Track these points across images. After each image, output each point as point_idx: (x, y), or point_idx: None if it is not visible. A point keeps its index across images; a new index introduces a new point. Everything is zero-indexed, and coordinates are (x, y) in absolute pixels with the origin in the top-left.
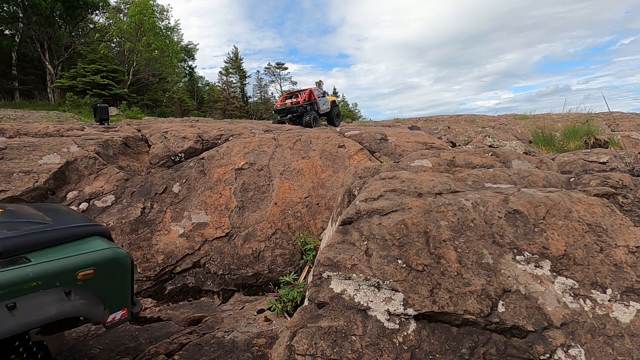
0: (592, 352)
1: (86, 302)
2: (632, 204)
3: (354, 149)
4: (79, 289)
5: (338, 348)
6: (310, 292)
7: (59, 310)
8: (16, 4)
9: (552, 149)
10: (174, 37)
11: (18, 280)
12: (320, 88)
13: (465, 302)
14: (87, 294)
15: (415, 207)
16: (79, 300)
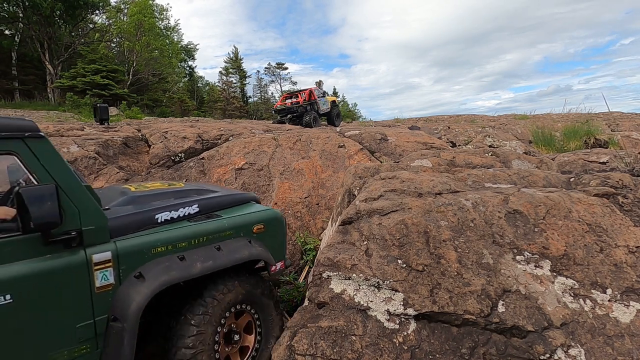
0: (592, 352)
1: (262, 249)
2: (632, 204)
3: (354, 149)
4: (255, 240)
5: (338, 348)
6: (310, 292)
7: (250, 253)
8: (16, 4)
9: (552, 149)
10: (173, 37)
11: (218, 229)
12: (320, 88)
13: (465, 302)
14: (261, 244)
15: (415, 207)
16: (257, 247)
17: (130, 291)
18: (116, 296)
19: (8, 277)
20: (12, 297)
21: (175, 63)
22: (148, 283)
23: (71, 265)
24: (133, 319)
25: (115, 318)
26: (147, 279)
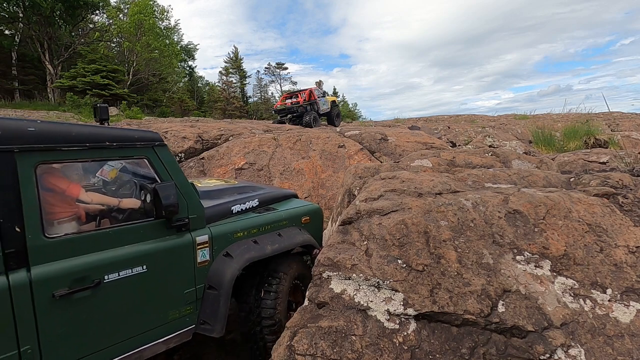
0: (592, 352)
1: (310, 236)
2: (632, 204)
3: (354, 149)
4: (303, 229)
5: (338, 348)
6: (310, 292)
7: (303, 239)
8: (16, 4)
9: (552, 149)
10: (173, 37)
11: (278, 219)
12: (320, 88)
13: (465, 302)
14: (307, 232)
15: (415, 207)
16: (307, 235)
17: (222, 266)
18: (211, 270)
19: (144, 252)
20: (147, 267)
21: (175, 63)
22: (236, 260)
23: (183, 245)
24: (227, 287)
25: (211, 286)
26: (234, 257)
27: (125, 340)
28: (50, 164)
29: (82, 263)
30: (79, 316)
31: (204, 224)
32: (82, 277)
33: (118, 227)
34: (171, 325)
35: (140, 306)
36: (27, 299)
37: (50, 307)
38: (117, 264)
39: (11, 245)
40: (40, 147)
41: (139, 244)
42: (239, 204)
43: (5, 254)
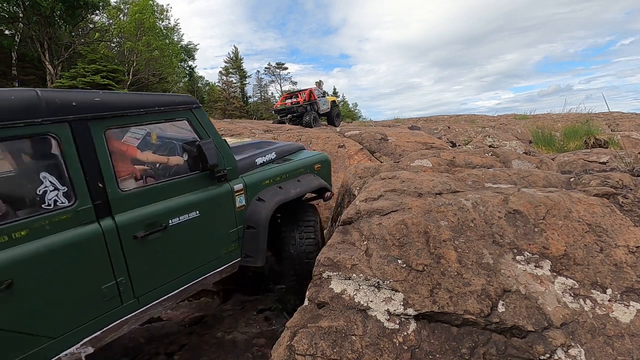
0: (592, 352)
1: (324, 181)
2: (632, 204)
3: (354, 149)
4: (316, 175)
5: (338, 348)
6: (310, 292)
7: (319, 183)
8: (16, 4)
9: (552, 149)
10: (173, 37)
11: (296, 168)
12: (320, 88)
13: (465, 302)
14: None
15: (415, 207)
16: (321, 179)
17: (256, 209)
18: (247, 212)
19: (196, 200)
20: (199, 212)
21: (175, 63)
22: (267, 203)
23: (224, 192)
24: (263, 226)
25: (250, 226)
26: (266, 201)
27: (192, 271)
28: (115, 128)
29: (151, 211)
30: (156, 253)
31: (237, 175)
32: (153, 222)
33: (173, 180)
34: (223, 259)
35: (198, 244)
36: (115, 241)
37: (133, 246)
38: (176, 211)
39: (97, 198)
40: (106, 114)
41: (190, 193)
42: (261, 156)
43: (95, 206)
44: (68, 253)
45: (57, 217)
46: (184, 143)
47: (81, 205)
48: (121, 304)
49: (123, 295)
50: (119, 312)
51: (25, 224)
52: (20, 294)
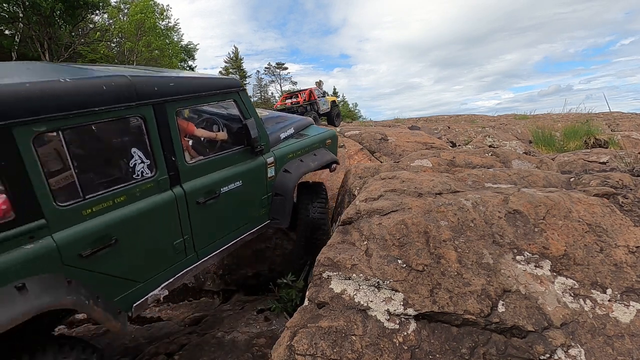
0: (592, 352)
1: (334, 156)
2: (632, 204)
3: (354, 149)
4: (327, 149)
5: (338, 348)
6: (310, 292)
7: (331, 157)
8: (16, 4)
9: (552, 149)
10: (173, 37)
11: (312, 143)
12: (321, 88)
13: (465, 302)
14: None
15: (415, 207)
16: (332, 154)
17: (284, 179)
18: (276, 182)
19: (240, 171)
20: (242, 182)
21: (175, 63)
22: (293, 174)
23: (260, 164)
24: (290, 193)
25: (277, 194)
26: (292, 172)
27: (235, 230)
28: (183, 109)
29: (209, 180)
30: (210, 216)
31: (269, 149)
32: (211, 190)
33: (223, 154)
34: (256, 220)
35: (239, 209)
36: (184, 205)
37: (196, 210)
38: (226, 180)
39: (171, 170)
40: (178, 97)
41: (236, 165)
42: (284, 132)
43: (170, 176)
44: (152, 215)
45: (144, 186)
46: (231, 121)
47: (160, 176)
48: (185, 257)
49: (187, 250)
50: (184, 263)
51: (124, 191)
52: (122, 248)
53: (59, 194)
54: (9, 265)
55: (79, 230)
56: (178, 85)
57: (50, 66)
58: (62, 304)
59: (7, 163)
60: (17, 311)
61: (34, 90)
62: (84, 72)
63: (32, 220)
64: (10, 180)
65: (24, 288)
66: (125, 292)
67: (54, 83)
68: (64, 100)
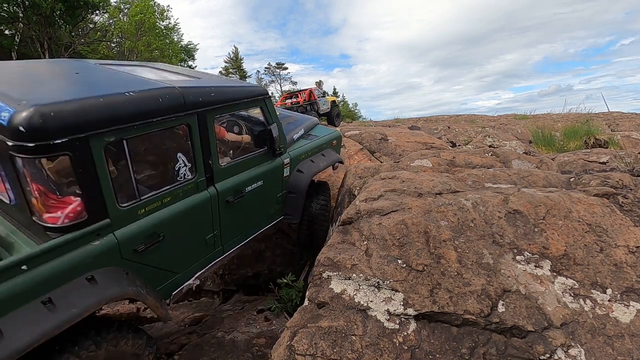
0: (592, 352)
1: (339, 156)
2: (632, 204)
3: (354, 149)
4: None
5: (338, 348)
6: (310, 292)
7: (337, 158)
8: (16, 4)
9: (552, 149)
10: (173, 37)
11: (321, 144)
12: (320, 88)
13: (465, 302)
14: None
15: (415, 207)
16: (337, 154)
17: (297, 178)
18: (290, 181)
19: (262, 172)
20: (263, 182)
21: (175, 63)
22: (306, 174)
23: (279, 165)
24: (303, 191)
25: (291, 192)
26: (305, 172)
27: (256, 225)
28: (220, 117)
29: (237, 181)
30: (236, 213)
31: (286, 150)
32: (238, 189)
33: (249, 156)
34: (272, 216)
35: (259, 206)
36: (216, 203)
37: (225, 208)
38: (251, 180)
39: (207, 172)
40: (218, 106)
41: (258, 166)
42: (296, 133)
43: (207, 178)
44: (191, 213)
45: (186, 187)
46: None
47: (199, 177)
48: (214, 250)
49: (216, 244)
50: (213, 256)
51: (170, 192)
52: (167, 243)
53: (120, 196)
54: (81, 260)
55: (135, 228)
56: (217, 95)
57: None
58: (128, 294)
59: (84, 170)
60: (90, 301)
61: (107, 104)
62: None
63: (100, 219)
64: (86, 186)
65: (93, 279)
66: (167, 282)
67: (122, 97)
68: (131, 112)
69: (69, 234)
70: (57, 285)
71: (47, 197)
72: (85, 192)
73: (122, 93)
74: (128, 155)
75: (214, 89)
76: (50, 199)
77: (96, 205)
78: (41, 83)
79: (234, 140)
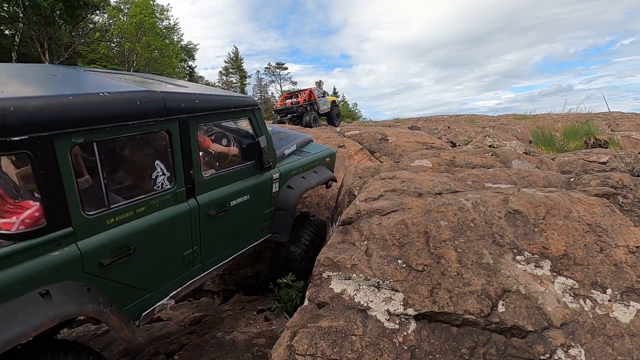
0: (592, 352)
1: (332, 174)
2: (632, 204)
3: (354, 149)
4: (327, 167)
5: (338, 348)
6: (310, 292)
7: (330, 175)
8: (16, 4)
9: (552, 149)
10: (173, 37)
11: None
12: (320, 88)
13: (465, 302)
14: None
15: (415, 207)
16: (330, 172)
17: (287, 194)
18: (279, 197)
19: (249, 185)
20: (249, 196)
21: (175, 63)
22: (296, 190)
23: (267, 180)
24: (292, 208)
25: (279, 208)
26: (295, 188)
27: (240, 242)
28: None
29: (221, 194)
30: (218, 228)
31: (275, 165)
32: (222, 203)
33: (235, 169)
34: (258, 233)
35: (245, 222)
36: (196, 217)
37: (207, 222)
38: (236, 194)
39: (188, 182)
40: (201, 114)
41: (245, 180)
42: (288, 148)
43: (187, 188)
44: (168, 226)
45: (163, 197)
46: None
47: (178, 188)
48: (193, 267)
49: (195, 261)
50: (191, 274)
51: (145, 202)
52: (138, 257)
53: (87, 203)
54: (36, 272)
55: (102, 238)
56: (202, 102)
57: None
58: (87, 312)
59: (45, 172)
60: (40, 319)
61: (77, 103)
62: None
63: (61, 227)
64: (46, 189)
65: (48, 294)
66: (136, 301)
67: (95, 97)
68: (103, 113)
69: (23, 242)
70: (3, 300)
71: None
72: (46, 196)
73: (96, 93)
74: (98, 159)
75: (198, 95)
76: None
77: (57, 212)
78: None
79: (220, 151)
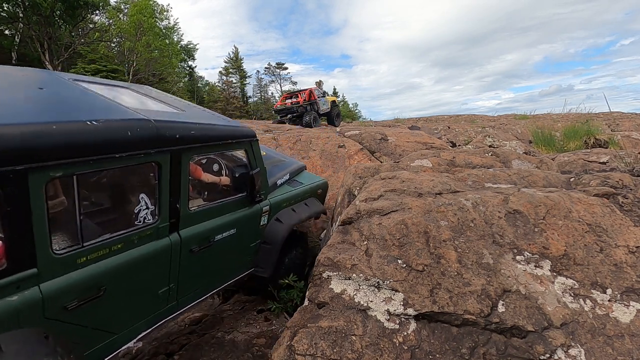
0: (592, 352)
1: (324, 207)
2: (632, 204)
3: (354, 149)
4: (318, 200)
5: (338, 348)
6: (310, 292)
7: (321, 209)
8: (16, 4)
9: (552, 149)
10: (173, 37)
11: (305, 192)
12: (321, 88)
13: (465, 302)
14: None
15: (415, 207)
16: (322, 205)
17: (275, 228)
18: (267, 230)
19: (236, 219)
20: (236, 229)
21: (175, 63)
22: (285, 225)
23: (256, 212)
24: (279, 243)
25: (266, 242)
26: (284, 222)
27: (220, 278)
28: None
29: (206, 228)
30: (199, 264)
31: (267, 197)
32: (206, 238)
33: (224, 201)
34: (241, 268)
35: (228, 256)
36: (177, 253)
37: (187, 258)
38: (222, 228)
39: (173, 216)
40: (196, 146)
41: (233, 212)
42: (280, 178)
43: (171, 223)
44: (145, 263)
45: (144, 232)
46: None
47: (162, 223)
48: (166, 305)
49: (169, 299)
50: (164, 312)
51: (122, 238)
52: (108, 298)
53: (57, 241)
54: None
55: (69, 280)
56: (198, 133)
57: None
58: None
59: (13, 209)
60: None
61: (59, 132)
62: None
63: (24, 269)
64: (12, 227)
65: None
66: (98, 345)
67: (81, 125)
68: (89, 144)
69: None
70: None
71: None
72: (10, 234)
73: (83, 121)
74: (76, 193)
75: (195, 125)
76: None
77: (22, 252)
78: None
79: (211, 181)
